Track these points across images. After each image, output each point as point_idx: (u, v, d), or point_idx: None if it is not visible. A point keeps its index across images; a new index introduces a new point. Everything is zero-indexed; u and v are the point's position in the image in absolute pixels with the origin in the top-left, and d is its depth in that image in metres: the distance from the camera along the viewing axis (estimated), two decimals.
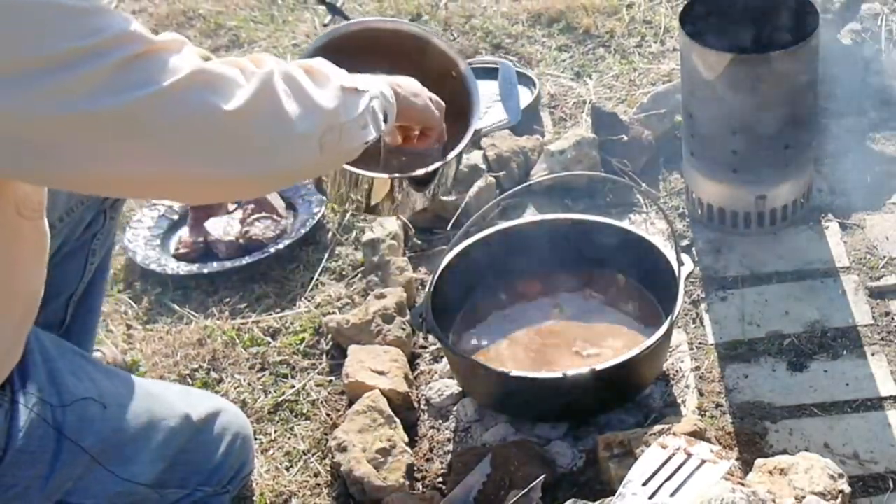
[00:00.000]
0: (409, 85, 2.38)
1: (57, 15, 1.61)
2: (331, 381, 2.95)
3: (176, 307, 3.24)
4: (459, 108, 2.63)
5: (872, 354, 2.82)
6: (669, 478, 2.26)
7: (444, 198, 3.28)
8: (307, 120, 1.92)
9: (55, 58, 1.60)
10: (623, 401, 2.70)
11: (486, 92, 3.92)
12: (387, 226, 3.29)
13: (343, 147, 2.04)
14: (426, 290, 2.73)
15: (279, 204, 3.50)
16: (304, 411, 2.88)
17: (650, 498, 2.23)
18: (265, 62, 1.92)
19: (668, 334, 2.62)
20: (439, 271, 2.76)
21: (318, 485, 2.68)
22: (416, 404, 2.84)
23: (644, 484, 2.26)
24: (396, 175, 2.49)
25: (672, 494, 2.22)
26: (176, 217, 3.57)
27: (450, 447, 2.71)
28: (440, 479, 2.63)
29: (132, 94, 1.66)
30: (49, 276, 2.22)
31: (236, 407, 2.64)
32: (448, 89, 2.58)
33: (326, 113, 1.96)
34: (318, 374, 2.98)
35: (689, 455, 2.31)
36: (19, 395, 2.09)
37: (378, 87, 2.20)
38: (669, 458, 2.31)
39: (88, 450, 2.18)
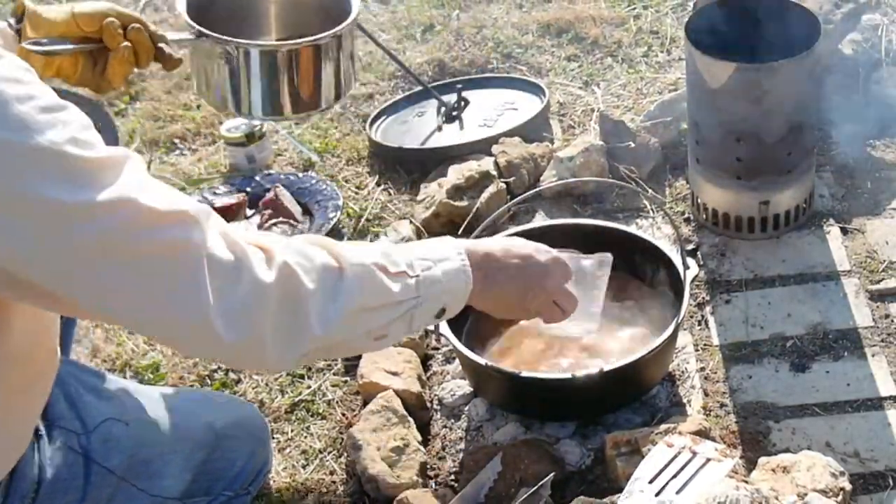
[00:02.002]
0: (512, 248, 2.18)
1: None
2: (346, 381, 2.96)
3: None
4: None
5: (873, 356, 2.82)
6: (675, 475, 2.27)
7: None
8: (288, 344, 1.83)
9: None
10: (630, 400, 2.70)
11: (500, 100, 3.94)
12: (400, 230, 3.29)
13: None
14: None
15: (296, 209, 3.50)
16: (320, 411, 2.88)
17: (657, 495, 2.23)
18: (275, 253, 1.81)
19: (674, 336, 2.62)
20: None
21: (334, 482, 2.69)
22: (428, 404, 2.84)
23: (650, 481, 2.26)
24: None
25: (678, 492, 2.23)
26: None
27: (462, 446, 2.72)
28: (452, 477, 2.63)
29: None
30: None
31: (255, 408, 2.66)
32: None
33: (322, 338, 1.85)
34: (334, 374, 2.98)
35: (695, 453, 2.31)
36: (42, 428, 2.09)
37: (447, 265, 2.02)
38: (675, 456, 2.31)
39: (115, 470, 2.18)
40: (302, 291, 1.79)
